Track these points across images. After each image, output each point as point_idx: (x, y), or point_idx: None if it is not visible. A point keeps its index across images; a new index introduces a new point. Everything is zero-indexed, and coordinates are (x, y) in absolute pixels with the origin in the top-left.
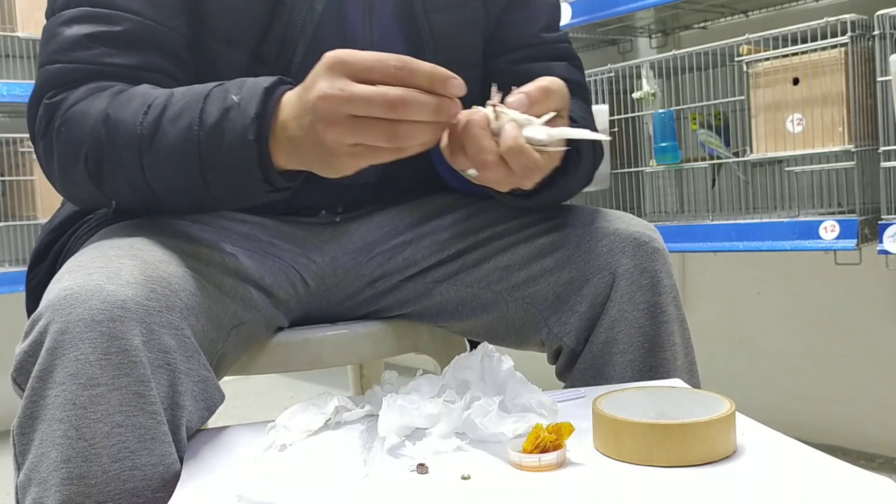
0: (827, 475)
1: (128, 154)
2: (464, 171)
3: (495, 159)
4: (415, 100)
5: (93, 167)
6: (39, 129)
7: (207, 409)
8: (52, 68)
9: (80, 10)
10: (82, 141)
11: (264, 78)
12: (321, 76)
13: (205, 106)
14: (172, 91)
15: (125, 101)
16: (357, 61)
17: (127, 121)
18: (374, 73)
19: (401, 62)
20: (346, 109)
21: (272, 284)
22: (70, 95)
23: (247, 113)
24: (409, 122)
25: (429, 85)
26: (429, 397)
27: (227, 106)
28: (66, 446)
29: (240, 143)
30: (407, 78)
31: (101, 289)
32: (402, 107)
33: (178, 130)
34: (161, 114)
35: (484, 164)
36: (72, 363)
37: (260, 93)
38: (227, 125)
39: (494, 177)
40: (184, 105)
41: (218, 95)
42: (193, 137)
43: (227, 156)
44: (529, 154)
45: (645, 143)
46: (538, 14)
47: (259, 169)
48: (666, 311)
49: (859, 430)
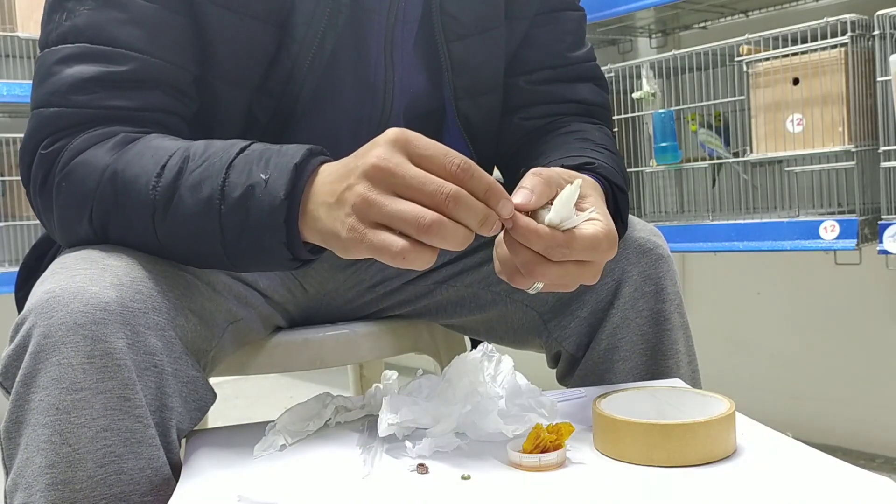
0: (827, 475)
1: (139, 218)
2: (528, 288)
3: (533, 257)
4: (468, 200)
5: (99, 226)
6: (36, 182)
7: (199, 409)
8: (47, 112)
9: (80, 46)
10: (87, 198)
11: (294, 148)
12: (379, 146)
13: (227, 177)
14: (188, 148)
15: (135, 158)
16: (421, 145)
17: (138, 182)
18: (434, 163)
19: (466, 163)
20: (394, 181)
21: (266, 287)
22: (69, 145)
23: (275, 194)
24: (442, 219)
25: (483, 195)
26: (429, 397)
27: (252, 182)
28: (50, 451)
29: (267, 224)
30: (465, 180)
31: (84, 291)
32: (454, 202)
33: (198, 201)
34: (177, 178)
35: (527, 266)
36: (55, 367)
37: (290, 171)
38: (253, 203)
39: (548, 274)
40: (203, 172)
41: (242, 167)
42: (214, 211)
43: (252, 235)
44: (550, 235)
45: (645, 143)
46: (565, 31)
47: (287, 249)
48: (670, 318)
49: (859, 430)
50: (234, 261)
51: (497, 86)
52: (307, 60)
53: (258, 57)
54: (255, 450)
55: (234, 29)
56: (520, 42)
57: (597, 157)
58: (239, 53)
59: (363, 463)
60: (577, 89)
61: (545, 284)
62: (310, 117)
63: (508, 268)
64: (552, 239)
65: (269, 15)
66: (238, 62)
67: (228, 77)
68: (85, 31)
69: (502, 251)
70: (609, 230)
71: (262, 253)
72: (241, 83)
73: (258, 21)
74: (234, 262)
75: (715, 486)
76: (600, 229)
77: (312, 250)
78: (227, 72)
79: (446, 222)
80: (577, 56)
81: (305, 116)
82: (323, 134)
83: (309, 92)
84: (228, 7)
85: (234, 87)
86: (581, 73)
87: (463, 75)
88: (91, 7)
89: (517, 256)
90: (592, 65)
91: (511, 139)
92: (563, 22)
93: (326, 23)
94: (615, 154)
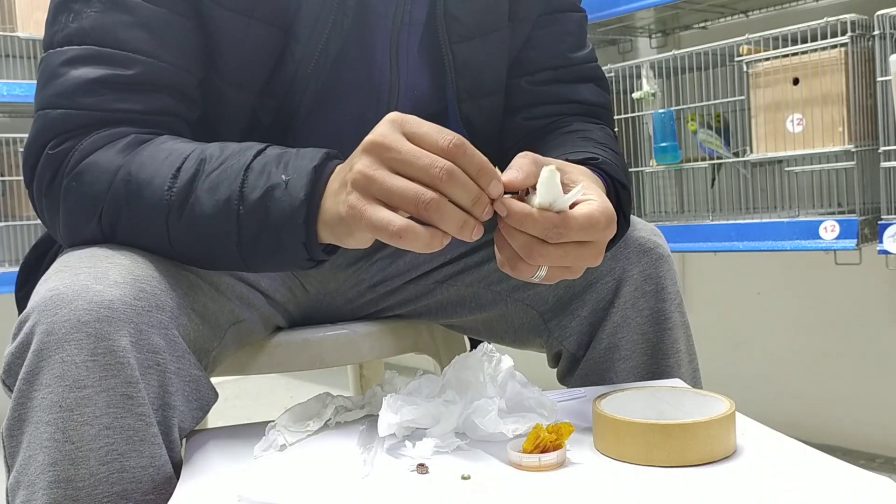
0: (827, 475)
1: (152, 220)
2: (531, 278)
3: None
4: (461, 177)
5: (108, 227)
6: (42, 182)
7: (200, 408)
8: (53, 113)
9: (86, 49)
10: (97, 199)
11: (311, 151)
12: (381, 124)
13: (245, 180)
14: (202, 150)
15: (149, 160)
16: (415, 122)
17: (153, 184)
18: (428, 140)
19: (459, 140)
20: (390, 156)
21: (268, 287)
22: (77, 146)
23: (295, 195)
24: (443, 200)
25: (475, 173)
26: (429, 397)
27: (272, 184)
28: (52, 449)
29: (287, 225)
30: (458, 156)
31: (88, 289)
32: (448, 178)
33: (215, 203)
34: (193, 180)
35: (525, 249)
36: (58, 365)
37: (309, 173)
38: (273, 204)
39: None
40: (221, 175)
41: (260, 169)
42: (233, 213)
43: (271, 235)
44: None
45: (645, 143)
46: (566, 32)
47: (305, 249)
48: (670, 317)
49: (859, 430)
50: (248, 261)
51: (499, 88)
52: (311, 63)
53: (263, 59)
54: (255, 450)
55: (240, 31)
56: (523, 44)
57: (600, 153)
58: (244, 56)
59: (363, 463)
60: (578, 90)
61: (549, 271)
62: (313, 119)
63: (509, 256)
64: (547, 220)
65: (276, 18)
66: (243, 65)
67: (233, 79)
68: (91, 33)
69: (501, 241)
70: (605, 208)
71: (280, 253)
72: (245, 86)
73: (264, 23)
74: (249, 262)
75: (715, 486)
76: (595, 208)
77: (326, 250)
78: (231, 74)
79: (445, 202)
80: (579, 57)
81: (309, 118)
82: (326, 136)
83: (312, 94)
84: (236, 10)
85: (238, 90)
86: (582, 73)
87: (466, 77)
88: (98, 9)
89: (515, 241)
90: (594, 65)
91: (513, 139)
92: (565, 23)
93: (331, 26)
94: (617, 153)
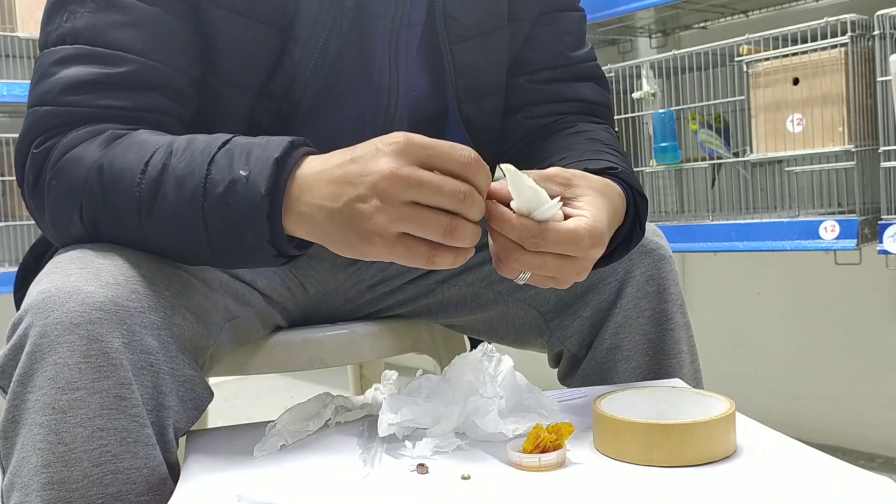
0: (827, 475)
1: (126, 214)
2: (515, 279)
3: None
4: (477, 198)
5: (90, 223)
6: (28, 183)
7: (196, 408)
8: (41, 110)
9: (78, 48)
10: (76, 194)
11: (275, 141)
12: (386, 155)
13: (209, 173)
14: (171, 143)
15: (121, 153)
16: (429, 146)
17: (123, 179)
18: (445, 161)
19: (475, 155)
20: (411, 195)
21: (266, 287)
22: (59, 143)
23: (256, 190)
24: (464, 221)
25: (482, 187)
26: (429, 397)
27: (233, 178)
28: (46, 451)
29: (249, 221)
30: (474, 175)
31: (80, 290)
32: (470, 201)
33: (181, 197)
34: (160, 175)
35: (503, 252)
36: (51, 367)
37: (270, 166)
38: (234, 200)
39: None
40: (185, 169)
41: (223, 163)
42: (198, 207)
43: (235, 232)
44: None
45: (645, 143)
46: (565, 31)
47: (271, 246)
48: (672, 318)
49: (859, 430)
50: (219, 257)
51: (499, 88)
52: (310, 64)
53: (261, 60)
54: (255, 450)
55: (238, 32)
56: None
57: (617, 162)
58: (242, 56)
59: (363, 463)
60: (578, 88)
61: (532, 276)
62: (312, 120)
63: (494, 254)
64: (524, 228)
65: (274, 18)
66: (241, 65)
67: (231, 80)
68: (84, 32)
69: (491, 240)
70: (593, 227)
71: (247, 250)
72: (243, 86)
73: (263, 24)
74: (220, 258)
75: (715, 486)
76: (582, 224)
77: (299, 245)
78: (229, 75)
79: (466, 224)
80: (578, 55)
81: (308, 119)
82: (326, 136)
83: (311, 95)
84: (234, 10)
85: (237, 90)
86: (582, 72)
87: (465, 77)
88: (91, 9)
89: (496, 243)
90: (593, 64)
91: (514, 138)
92: (563, 22)
93: (330, 26)
94: (623, 155)
